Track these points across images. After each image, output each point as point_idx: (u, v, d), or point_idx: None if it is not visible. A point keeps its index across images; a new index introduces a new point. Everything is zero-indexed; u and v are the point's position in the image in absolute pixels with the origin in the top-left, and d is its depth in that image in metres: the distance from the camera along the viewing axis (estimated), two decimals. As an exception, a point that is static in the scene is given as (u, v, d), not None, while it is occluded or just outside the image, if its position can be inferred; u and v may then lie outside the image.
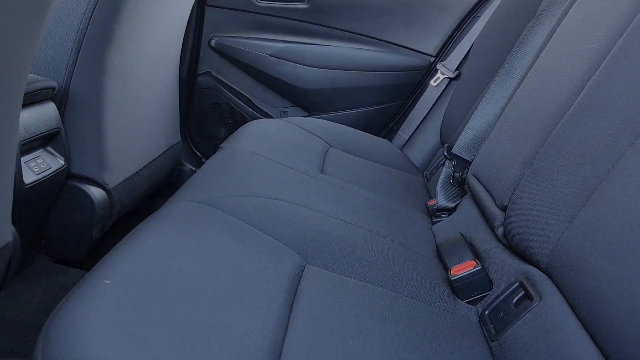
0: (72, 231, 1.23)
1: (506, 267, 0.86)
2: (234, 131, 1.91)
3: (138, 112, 1.34)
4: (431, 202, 1.18)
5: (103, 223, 1.25)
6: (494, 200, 0.93)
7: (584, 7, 0.94)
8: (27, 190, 1.01)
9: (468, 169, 1.16)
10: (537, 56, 1.05)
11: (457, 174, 1.15)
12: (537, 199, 0.81)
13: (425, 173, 1.60)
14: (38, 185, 1.05)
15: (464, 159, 1.17)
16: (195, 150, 1.92)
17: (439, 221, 1.13)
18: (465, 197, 1.13)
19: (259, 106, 1.86)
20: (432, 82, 1.67)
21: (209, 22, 1.78)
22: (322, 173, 1.27)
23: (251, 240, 0.81)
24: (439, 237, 1.06)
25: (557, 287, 0.77)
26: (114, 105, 1.21)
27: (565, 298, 0.74)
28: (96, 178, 1.21)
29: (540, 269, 0.80)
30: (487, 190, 0.98)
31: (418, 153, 1.66)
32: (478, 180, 1.04)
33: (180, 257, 0.70)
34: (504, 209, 0.89)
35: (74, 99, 1.14)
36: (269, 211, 0.90)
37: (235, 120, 1.87)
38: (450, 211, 1.13)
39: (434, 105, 1.66)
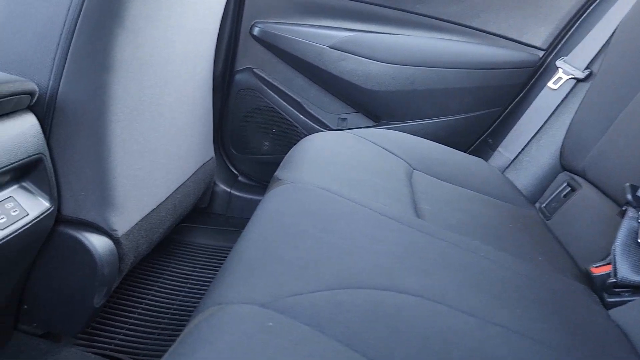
0: (64, 296, 0.86)
1: None
2: (278, 143, 1.54)
3: (160, 124, 0.96)
4: (599, 270, 0.78)
5: (109, 284, 0.87)
6: None
7: None
8: (-17, 257, 0.64)
9: (661, 222, 0.75)
10: None
11: (645, 230, 0.74)
12: None
13: (540, 205, 1.20)
14: (5, 245, 0.67)
15: (654, 205, 0.76)
16: (230, 167, 1.54)
17: (618, 303, 0.73)
18: (662, 267, 0.73)
19: (311, 112, 1.47)
20: (550, 84, 1.26)
21: (250, 5, 1.39)
22: (419, 217, 0.88)
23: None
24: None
25: None
26: (125, 117, 0.83)
27: None
28: (99, 223, 0.83)
29: None
30: None
31: (526, 177, 1.26)
32: None
33: None
34: None
35: (65, 108, 0.76)
36: (385, 318, 0.51)
37: (280, 130, 1.48)
38: (638, 288, 0.73)
39: (552, 114, 1.24)
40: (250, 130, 1.49)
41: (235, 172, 1.55)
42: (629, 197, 0.77)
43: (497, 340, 0.54)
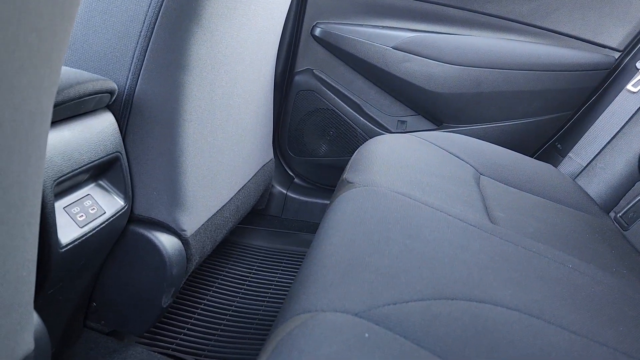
0: (133, 295, 0.86)
1: None
2: (335, 145, 1.52)
3: (228, 124, 0.96)
4: (698, 287, 0.72)
5: (176, 285, 0.87)
6: None
7: None
8: (64, 255, 0.63)
9: None
10: None
11: None
12: None
13: (615, 215, 1.13)
14: (83, 242, 0.67)
15: None
16: (287, 168, 1.53)
17: None
18: None
19: (370, 114, 1.44)
20: (629, 87, 1.19)
21: (312, 5, 1.38)
22: (492, 223, 0.84)
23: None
24: None
25: None
26: (198, 116, 0.83)
27: None
28: (169, 222, 0.83)
29: None
30: None
31: (599, 184, 1.19)
32: None
33: None
34: None
35: (141, 107, 0.76)
36: (484, 332, 0.48)
37: (338, 132, 1.46)
38: None
39: (630, 119, 1.18)
40: (307, 132, 1.48)
41: (291, 174, 1.53)
42: None
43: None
